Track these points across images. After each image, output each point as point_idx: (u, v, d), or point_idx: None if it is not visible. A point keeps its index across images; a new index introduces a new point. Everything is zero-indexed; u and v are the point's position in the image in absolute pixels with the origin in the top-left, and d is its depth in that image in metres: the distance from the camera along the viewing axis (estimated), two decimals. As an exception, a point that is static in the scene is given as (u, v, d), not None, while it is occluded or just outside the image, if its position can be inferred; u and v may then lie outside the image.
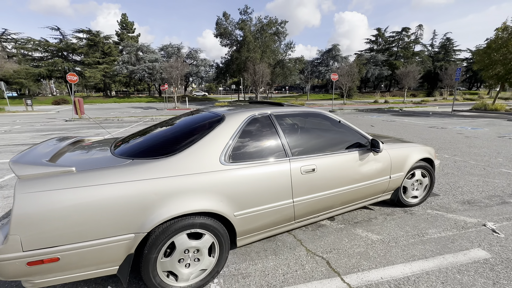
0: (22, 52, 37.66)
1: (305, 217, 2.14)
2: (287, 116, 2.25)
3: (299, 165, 1.98)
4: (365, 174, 2.35)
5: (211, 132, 1.81)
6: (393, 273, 1.88)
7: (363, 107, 22.55)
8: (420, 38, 48.99)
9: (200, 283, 1.73)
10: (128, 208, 1.43)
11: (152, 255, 1.52)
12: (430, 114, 15.16)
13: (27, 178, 1.34)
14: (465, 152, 5.60)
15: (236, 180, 1.73)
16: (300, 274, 1.89)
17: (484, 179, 3.85)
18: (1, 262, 1.26)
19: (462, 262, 2.00)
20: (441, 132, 8.45)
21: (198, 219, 1.61)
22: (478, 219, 2.67)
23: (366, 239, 2.33)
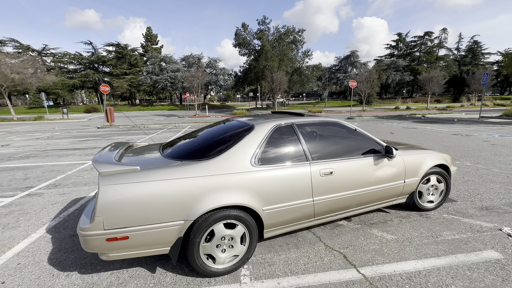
0: (59, 65, 41.21)
1: (324, 215, 2.39)
2: (308, 125, 2.54)
3: (318, 168, 2.25)
4: (379, 178, 2.56)
5: (243, 139, 2.15)
6: (405, 268, 2.07)
7: (383, 114, 22.10)
8: (444, 42, 47.21)
9: (233, 266, 2.03)
10: (179, 199, 1.78)
11: (196, 240, 1.85)
12: (455, 121, 14.61)
13: (106, 174, 1.75)
14: (489, 160, 5.50)
15: (264, 180, 2.04)
16: (319, 265, 2.13)
17: (507, 187, 3.84)
18: (88, 237, 1.66)
19: (474, 261, 2.14)
20: (465, 139, 8.23)
21: (233, 212, 1.93)
22: (494, 224, 2.75)
23: (381, 238, 2.53)
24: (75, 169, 5.40)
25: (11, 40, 37.25)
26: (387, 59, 50.14)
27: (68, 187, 4.23)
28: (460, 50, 50.65)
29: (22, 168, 5.51)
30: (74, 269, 2.12)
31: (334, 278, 1.97)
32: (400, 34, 49.14)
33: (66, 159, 6.38)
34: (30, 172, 5.17)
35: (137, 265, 2.16)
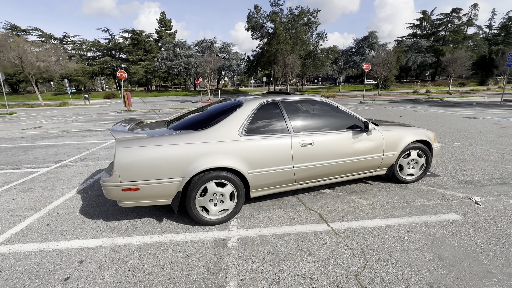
0: (79, 53, 42.82)
1: (304, 181, 2.75)
2: (292, 102, 2.84)
3: (299, 140, 2.59)
4: (358, 150, 2.86)
5: (232, 113, 2.52)
6: (370, 224, 2.42)
7: (398, 98, 21.42)
8: (474, 19, 43.66)
9: (224, 218, 2.48)
10: (178, 160, 2.21)
11: (193, 194, 2.30)
12: (473, 105, 14.01)
13: (120, 140, 2.20)
14: (491, 141, 5.52)
15: (249, 148, 2.42)
16: (297, 220, 2.53)
17: (496, 165, 3.98)
18: (109, 187, 2.15)
19: (433, 221, 2.44)
20: (475, 122, 8.07)
21: (223, 173, 2.35)
22: (467, 194, 2.99)
23: (356, 203, 2.87)
24: (98, 147, 6.07)
25: (35, 29, 38.99)
26: (408, 39, 47.27)
27: (92, 161, 4.86)
28: (493, 28, 46.62)
29: (53, 146, 6.26)
30: (100, 218, 2.67)
31: (306, 229, 2.36)
32: (425, 12, 45.77)
33: (90, 139, 7.10)
34: (60, 149, 5.89)
35: (148, 216, 2.67)
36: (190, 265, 1.92)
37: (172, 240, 2.25)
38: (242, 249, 2.10)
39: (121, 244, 2.21)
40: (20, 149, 5.97)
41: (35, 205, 3.02)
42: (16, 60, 21.61)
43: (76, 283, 1.76)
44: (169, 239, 2.26)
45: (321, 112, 3.00)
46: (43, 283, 1.76)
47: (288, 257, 1.99)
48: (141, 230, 2.42)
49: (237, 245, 2.15)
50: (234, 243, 2.19)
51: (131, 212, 2.78)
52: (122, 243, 2.22)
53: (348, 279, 1.74)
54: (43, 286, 1.74)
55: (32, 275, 1.85)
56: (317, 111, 3.00)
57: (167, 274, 1.83)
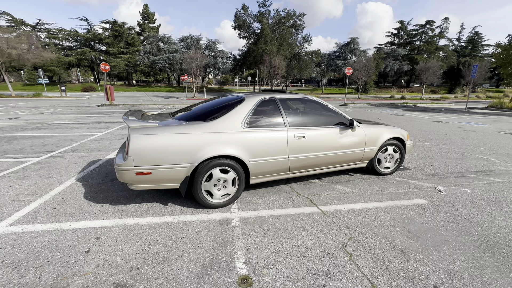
0: (54, 42, 40.30)
1: (297, 170, 3.09)
2: (288, 100, 3.16)
3: (293, 133, 2.92)
4: (343, 144, 3.25)
5: (235, 107, 2.79)
6: (353, 207, 2.81)
7: (377, 102, 22.70)
8: (445, 32, 46.98)
9: (226, 202, 2.74)
10: (187, 148, 2.44)
11: (199, 179, 2.54)
12: (442, 110, 15.32)
13: (134, 128, 2.39)
14: (455, 142, 6.25)
15: (251, 139, 2.70)
16: (290, 204, 2.86)
17: (458, 162, 4.59)
18: (124, 171, 2.33)
19: (405, 204, 2.88)
20: (443, 126, 8.96)
21: (226, 161, 2.61)
22: (433, 184, 3.50)
23: (341, 190, 3.26)
24: (86, 139, 6.02)
25: (4, 13, 36.15)
26: (387, 47, 49.90)
27: (84, 152, 4.87)
28: (461, 40, 50.56)
29: (37, 137, 6.10)
30: (106, 202, 2.82)
31: (299, 211, 2.70)
32: (402, 22, 48.59)
33: (76, 131, 6.96)
34: (47, 140, 5.77)
35: (153, 201, 2.86)
36: (200, 239, 2.17)
37: (180, 220, 2.47)
38: (244, 227, 2.38)
39: (132, 224, 2.40)
40: (2, 139, 5.76)
41: (36, 191, 3.07)
42: (-17, 46, 20.02)
43: (97, 255, 1.95)
44: (177, 220, 2.48)
45: (313, 109, 3.35)
46: (64, 256, 1.93)
47: (286, 232, 2.30)
48: (149, 212, 2.62)
49: (240, 224, 2.43)
50: (237, 222, 2.46)
51: (136, 197, 2.95)
52: (133, 223, 2.41)
53: (336, 247, 2.09)
54: (65, 257, 1.91)
55: (53, 249, 2.00)
56: (309, 109, 3.35)
57: (180, 247, 2.07)
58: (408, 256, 1.99)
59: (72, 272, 1.76)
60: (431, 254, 2.02)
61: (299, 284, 1.70)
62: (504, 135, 7.28)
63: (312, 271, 1.82)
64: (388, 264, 1.90)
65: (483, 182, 3.58)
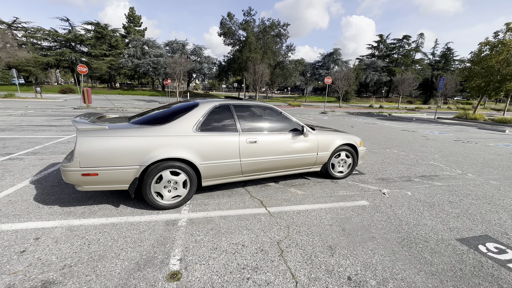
0: (32, 41, 38.77)
1: (250, 173, 3.24)
2: (244, 106, 3.33)
3: (245, 138, 3.08)
4: (296, 149, 3.45)
5: (189, 112, 2.92)
6: (299, 208, 2.99)
7: (355, 111, 23.63)
8: (420, 47, 50.06)
9: (177, 204, 2.83)
10: (136, 150, 2.53)
11: (149, 180, 2.62)
12: (413, 120, 16.23)
13: (82, 130, 2.45)
14: (414, 149, 6.69)
15: (202, 142, 2.83)
16: (241, 206, 2.99)
17: (409, 167, 4.94)
18: (69, 172, 2.37)
19: (347, 206, 3.10)
20: (408, 134, 9.54)
21: (177, 163, 2.71)
22: (379, 187, 3.77)
23: (293, 193, 3.44)
24: (52, 141, 5.88)
25: (-23, 10, 34.40)
26: (368, 59, 52.36)
27: (46, 154, 4.77)
28: (435, 55, 53.98)
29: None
30: (55, 204, 2.82)
31: (247, 212, 2.83)
32: (382, 36, 51.29)
33: (43, 134, 6.77)
34: (8, 142, 5.58)
35: (105, 203, 2.89)
36: (142, 238, 2.25)
37: (127, 221, 2.53)
38: (190, 227, 2.48)
39: (77, 224, 2.43)
40: (-41, 141, 5.51)
41: (-17, 193, 3.01)
42: (-49, 43, 18.95)
43: (32, 254, 1.97)
44: (125, 220, 2.54)
45: (268, 116, 3.54)
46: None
47: (228, 231, 2.42)
48: (97, 213, 2.65)
49: (186, 224, 2.53)
50: (183, 222, 2.56)
51: (88, 199, 2.97)
52: (78, 224, 2.44)
53: (271, 244, 2.24)
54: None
55: (-14, 249, 2.00)
56: (265, 115, 3.54)
57: (120, 246, 2.13)
58: (334, 251, 2.18)
59: (1, 271, 1.78)
60: (356, 249, 2.22)
61: (225, 278, 1.82)
62: (460, 144, 7.87)
63: (242, 266, 1.95)
64: (314, 259, 2.06)
65: (425, 186, 3.90)
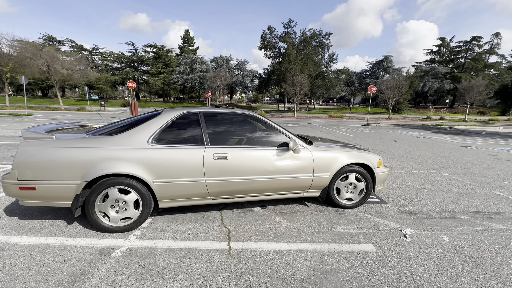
0: (105, 63, 46.01)
1: (220, 195, 2.67)
2: (216, 115, 2.82)
3: (213, 152, 2.55)
4: (282, 168, 2.75)
5: (146, 122, 2.55)
6: (272, 247, 2.27)
7: (406, 123, 20.76)
8: (496, 48, 42.29)
9: (127, 227, 2.43)
10: (78, 163, 2.24)
11: (92, 198, 2.29)
12: (482, 134, 13.25)
13: (26, 140, 2.28)
14: (473, 172, 5.12)
15: (157, 157, 2.41)
16: (201, 236, 2.43)
17: (458, 198, 3.65)
18: (6, 185, 2.20)
19: (342, 250, 2.25)
20: (470, 151, 7.58)
21: (126, 180, 2.34)
22: (402, 225, 2.75)
23: (277, 224, 2.71)
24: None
25: (69, 40, 42.66)
26: (426, 65, 46.56)
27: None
28: (517, 57, 44.78)
29: (38, 146, 6.57)
30: (16, 216, 2.72)
31: (202, 246, 2.26)
32: (444, 39, 45.21)
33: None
34: (42, 149, 6.17)
35: (62, 218, 2.68)
36: (58, 270, 1.88)
37: (64, 244, 2.22)
38: (122, 260, 2.03)
39: (14, 242, 2.22)
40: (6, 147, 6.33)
41: (-29, 198, 3.13)
42: (44, 67, 23.56)
43: None
44: (61, 243, 2.24)
45: (249, 127, 2.96)
46: None
47: (160, 273, 1.89)
48: (43, 231, 2.43)
49: (120, 255, 2.09)
50: (119, 252, 2.13)
51: (49, 212, 2.81)
52: (15, 242, 2.23)
53: (201, 302, 1.62)
54: None
55: None
56: (245, 126, 2.96)
57: (28, 277, 1.79)
58: (284, 330, 1.44)
59: None
60: (320, 331, 1.43)
61: None
62: (549, 167, 5.80)
63: (139, 334, 1.39)
64: None
65: (477, 229, 2.71)
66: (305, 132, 12.04)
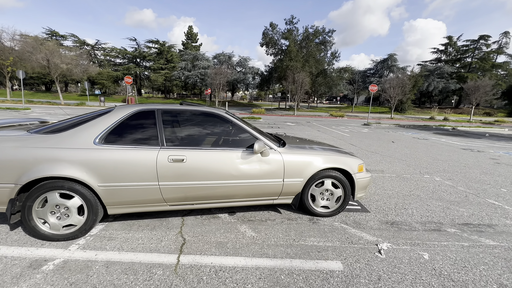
0: (108, 59, 45.96)
1: (177, 202, 2.42)
2: (175, 113, 2.56)
3: (168, 154, 2.30)
4: (247, 172, 2.49)
5: (95, 119, 2.31)
6: (225, 262, 2.02)
7: (407, 123, 20.29)
8: (505, 47, 41.17)
9: (71, 234, 2.20)
10: (11, 165, 2.01)
11: (28, 203, 2.07)
12: (486, 136, 12.80)
13: (-43, 137, 2.06)
14: (469, 177, 4.80)
15: (103, 158, 2.17)
16: (152, 247, 2.19)
17: (449, 206, 3.36)
18: None
19: (304, 267, 1.99)
20: (470, 154, 7.22)
21: (67, 184, 2.10)
22: (379, 238, 2.48)
23: (240, 234, 2.46)
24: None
25: (71, 35, 42.65)
26: (432, 64, 45.62)
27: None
28: (527, 57, 43.53)
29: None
30: (-41, 219, 2.51)
31: (148, 259, 2.02)
32: (451, 38, 44.19)
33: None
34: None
35: (5, 223, 2.46)
36: (-28, 286, 1.66)
37: (-6, 253, 2.01)
38: (51, 275, 1.80)
39: None
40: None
41: None
42: (43, 62, 23.53)
43: None
44: (-8, 252, 2.02)
45: (214, 127, 2.70)
46: None
47: (87, 292, 1.66)
48: (-20, 237, 2.21)
49: (51, 269, 1.86)
50: (52, 266, 1.90)
51: None
52: None
53: (119, 333, 1.38)
54: None
55: None
56: (209, 126, 2.70)
57: None
58: None
59: None
60: None
61: None
62: (552, 173, 5.45)
63: None
64: None
65: (463, 244, 2.43)
66: (301, 131, 11.73)
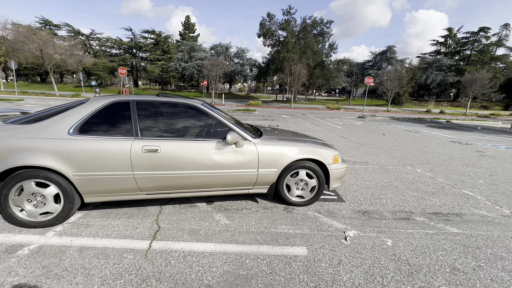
0: (103, 49, 45.26)
1: (152, 191, 2.50)
2: (151, 104, 2.60)
3: (142, 145, 2.36)
4: (221, 163, 2.56)
5: (69, 110, 2.35)
6: (194, 248, 2.12)
7: (403, 116, 20.35)
8: (504, 40, 40.82)
9: (48, 222, 2.28)
10: (-14, 155, 2.07)
11: (4, 191, 2.13)
12: (478, 129, 12.91)
13: None
14: (450, 169, 4.91)
15: (78, 148, 2.23)
16: (127, 233, 2.28)
17: (423, 197, 3.47)
18: None
19: (270, 253, 2.09)
20: (457, 147, 7.33)
21: (42, 173, 2.17)
22: (348, 226, 2.58)
23: (215, 222, 2.55)
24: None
25: (66, 25, 41.80)
26: (431, 56, 45.30)
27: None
28: (527, 50, 43.28)
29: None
30: None
31: (120, 245, 2.11)
32: (451, 30, 43.70)
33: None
34: None
35: (-14, 211, 2.54)
36: None
37: (-28, 239, 2.09)
38: (25, 259, 1.89)
39: None
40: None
41: None
42: (36, 52, 23.15)
43: None
44: (-30, 238, 2.10)
45: (189, 118, 2.74)
46: None
47: (58, 275, 1.75)
48: (-41, 224, 2.29)
49: (26, 254, 1.95)
50: (27, 251, 1.98)
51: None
52: None
53: (83, 311, 1.47)
54: None
55: None
56: (185, 117, 2.74)
57: None
58: None
59: None
60: None
61: None
62: (533, 165, 5.57)
63: None
64: None
65: (427, 232, 2.54)
66: (295, 124, 11.78)
